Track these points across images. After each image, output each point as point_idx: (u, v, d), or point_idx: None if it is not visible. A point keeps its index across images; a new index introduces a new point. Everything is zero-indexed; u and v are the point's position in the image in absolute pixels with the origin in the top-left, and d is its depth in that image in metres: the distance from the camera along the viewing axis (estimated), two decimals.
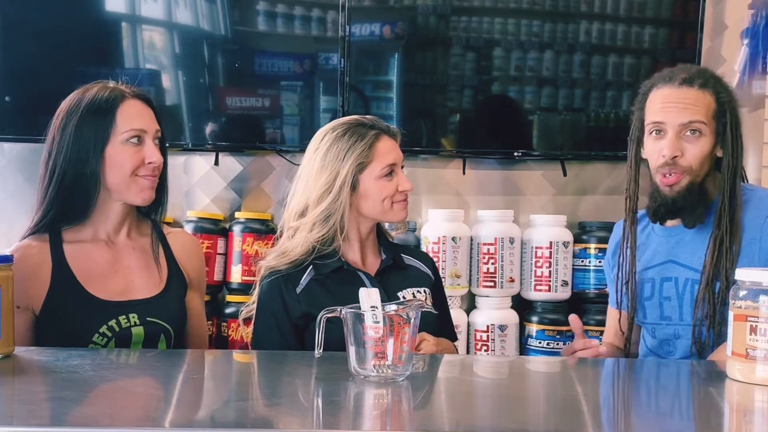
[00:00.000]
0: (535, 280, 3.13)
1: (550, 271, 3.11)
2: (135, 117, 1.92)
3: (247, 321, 2.08)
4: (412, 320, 1.49)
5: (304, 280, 1.98)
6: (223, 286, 3.14)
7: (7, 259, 1.62)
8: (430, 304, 2.00)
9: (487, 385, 1.67)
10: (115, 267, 1.95)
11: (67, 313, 1.87)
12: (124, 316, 1.89)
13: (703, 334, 1.95)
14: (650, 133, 2.00)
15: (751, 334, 1.48)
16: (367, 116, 2.09)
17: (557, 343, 3.08)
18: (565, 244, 3.12)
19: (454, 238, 3.08)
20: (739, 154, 1.99)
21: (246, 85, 3.13)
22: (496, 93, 3.20)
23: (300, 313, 1.95)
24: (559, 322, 3.10)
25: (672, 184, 1.97)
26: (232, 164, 3.20)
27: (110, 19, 3.08)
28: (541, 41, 3.14)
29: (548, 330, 3.10)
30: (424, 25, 3.13)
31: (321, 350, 1.56)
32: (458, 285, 3.10)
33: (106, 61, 3.07)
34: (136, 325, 1.89)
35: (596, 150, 3.22)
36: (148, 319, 1.91)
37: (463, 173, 3.22)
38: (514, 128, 3.24)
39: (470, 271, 3.14)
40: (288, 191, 2.09)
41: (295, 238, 2.01)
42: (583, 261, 3.14)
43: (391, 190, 2.02)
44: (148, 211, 2.04)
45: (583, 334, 2.02)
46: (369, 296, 1.47)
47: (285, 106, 3.13)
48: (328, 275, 1.99)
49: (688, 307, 2.00)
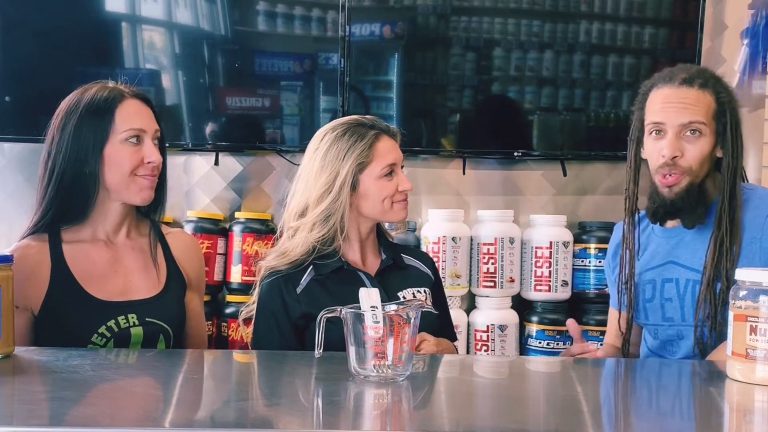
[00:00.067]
0: (535, 280, 3.13)
1: (550, 271, 3.11)
2: (134, 116, 1.92)
3: (246, 321, 2.08)
4: (412, 320, 1.49)
5: (305, 280, 1.98)
6: (223, 286, 3.14)
7: (7, 259, 1.62)
8: (430, 304, 2.00)
9: (487, 385, 1.66)
10: (114, 267, 1.95)
11: (66, 313, 1.86)
12: (123, 317, 1.89)
13: (705, 335, 1.95)
14: (650, 133, 2.00)
15: (751, 334, 1.48)
16: (367, 116, 2.09)
17: (557, 343, 3.08)
18: (565, 244, 3.12)
19: (454, 238, 3.08)
20: (739, 155, 1.98)
21: (246, 85, 3.13)
22: (496, 93, 3.20)
23: (300, 313, 1.95)
24: (559, 322, 3.10)
25: (671, 185, 1.97)
26: (232, 164, 3.20)
27: (110, 19, 3.08)
28: (541, 41, 3.14)
29: (548, 330, 3.10)
30: (424, 25, 3.13)
31: (321, 350, 1.56)
32: (458, 285, 3.09)
33: (106, 61, 3.07)
34: (135, 326, 1.89)
35: (596, 150, 3.22)
36: (147, 319, 1.91)
37: (463, 173, 3.22)
38: (514, 128, 3.24)
39: (470, 271, 3.14)
40: (288, 191, 2.09)
41: (295, 239, 2.01)
42: (583, 261, 3.14)
43: (391, 190, 2.01)
44: (148, 211, 2.03)
45: (581, 338, 2.02)
46: (369, 296, 1.47)
47: (285, 106, 3.13)
48: (329, 275, 1.99)
49: (689, 308, 2.00)
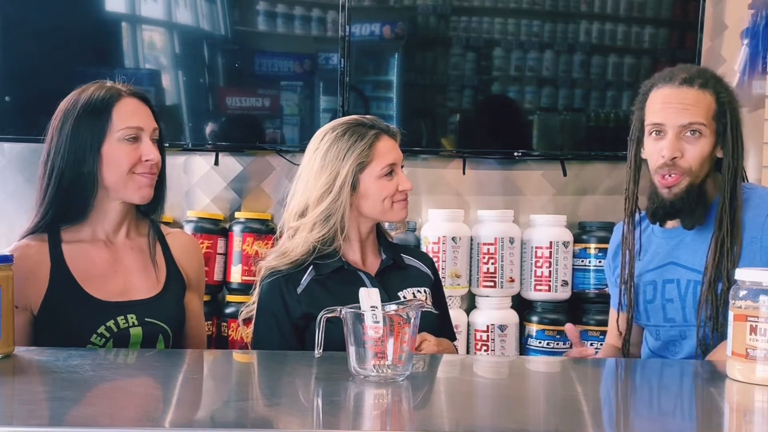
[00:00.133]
0: (535, 280, 3.13)
1: (550, 271, 3.11)
2: (131, 115, 1.92)
3: (246, 321, 2.08)
4: (412, 320, 1.49)
5: (305, 280, 1.98)
6: (223, 286, 3.14)
7: (7, 259, 1.62)
8: (430, 304, 2.00)
9: (487, 385, 1.66)
10: (114, 267, 1.95)
11: (65, 313, 1.86)
12: (123, 317, 1.88)
13: (708, 336, 1.94)
14: (650, 133, 1.99)
15: (751, 334, 1.48)
16: (367, 116, 2.08)
17: (557, 343, 3.08)
18: (565, 244, 3.12)
19: (454, 238, 3.08)
20: (739, 155, 1.97)
21: (246, 85, 3.13)
22: (496, 93, 3.20)
23: (301, 313, 1.95)
24: (559, 322, 3.10)
25: (670, 186, 1.96)
26: (232, 164, 3.20)
27: (110, 19, 3.08)
28: (541, 41, 3.14)
29: (548, 330, 3.10)
30: (424, 25, 3.13)
31: (321, 350, 1.56)
32: (458, 285, 3.09)
33: (106, 61, 3.07)
34: (134, 326, 1.89)
35: (596, 150, 3.22)
36: (146, 319, 1.91)
37: (463, 173, 3.22)
38: (514, 128, 3.24)
39: (470, 271, 3.14)
40: (288, 191, 2.09)
41: (295, 239, 2.01)
42: (583, 261, 3.14)
43: (391, 189, 2.01)
44: (147, 211, 2.03)
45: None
46: (369, 296, 1.47)
47: (285, 106, 3.13)
48: (329, 275, 1.99)
49: (691, 309, 1.99)
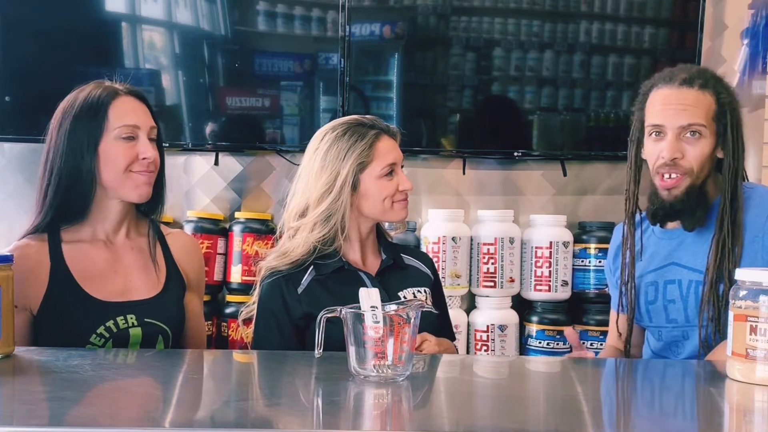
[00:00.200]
0: (535, 280, 3.13)
1: (550, 271, 3.11)
2: (128, 113, 1.92)
3: (246, 322, 2.08)
4: (412, 320, 1.49)
5: (305, 280, 1.98)
6: (223, 286, 3.14)
7: (7, 259, 1.62)
8: (430, 304, 2.00)
9: (487, 385, 1.66)
10: (114, 267, 1.94)
11: (65, 313, 1.86)
12: (122, 317, 1.88)
13: (710, 337, 1.94)
14: (650, 134, 1.99)
15: (751, 334, 1.48)
16: (367, 116, 2.08)
17: (557, 343, 3.08)
18: (565, 244, 3.12)
19: (454, 238, 3.08)
20: (740, 156, 1.97)
21: (246, 85, 3.13)
22: (496, 93, 3.20)
23: (301, 313, 1.95)
24: (559, 322, 3.10)
25: (670, 188, 1.96)
26: (232, 164, 3.20)
27: (110, 19, 3.09)
28: (541, 41, 3.14)
29: (548, 330, 3.10)
30: (424, 25, 3.13)
31: (321, 350, 1.56)
32: (458, 285, 3.09)
33: (106, 61, 3.07)
34: (133, 326, 1.89)
35: (596, 150, 3.23)
36: (146, 320, 1.91)
37: (463, 173, 3.22)
38: (514, 128, 3.24)
39: (470, 271, 3.14)
40: (288, 191, 2.09)
41: (295, 239, 2.01)
42: (583, 261, 3.14)
43: (391, 189, 2.01)
44: (147, 211, 2.03)
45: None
46: (369, 296, 1.47)
47: (285, 106, 3.13)
48: (329, 275, 1.99)
49: (693, 309, 1.99)
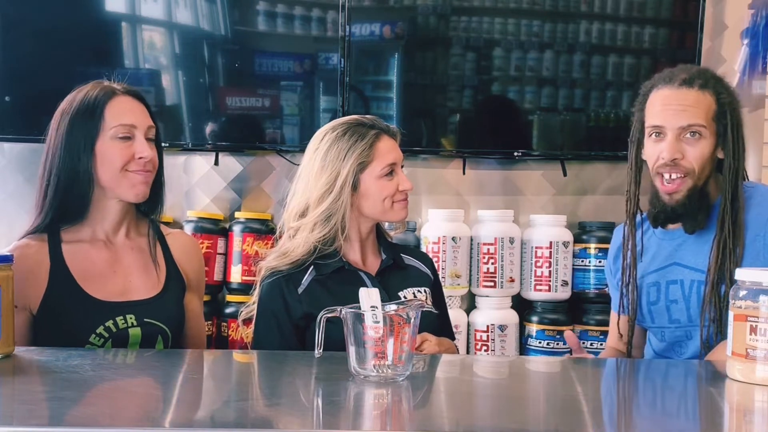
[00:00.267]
0: (535, 280, 3.13)
1: (550, 271, 3.11)
2: (124, 113, 1.92)
3: (246, 322, 2.08)
4: (412, 320, 1.49)
5: (306, 280, 1.98)
6: (223, 286, 3.14)
7: (7, 259, 1.62)
8: (430, 303, 2.00)
9: (487, 385, 1.66)
10: (113, 267, 1.94)
11: (64, 312, 1.86)
12: (122, 317, 1.88)
13: (711, 338, 1.93)
14: (650, 135, 1.99)
15: (751, 334, 1.48)
16: (367, 116, 2.08)
17: (557, 343, 3.08)
18: (565, 244, 3.12)
19: (454, 238, 3.08)
20: (740, 156, 1.96)
21: (246, 85, 3.13)
22: (496, 93, 3.20)
23: (302, 313, 1.95)
24: (559, 322, 3.10)
25: (672, 192, 1.95)
26: (232, 164, 3.20)
27: (110, 19, 3.09)
28: (541, 41, 3.14)
29: (548, 330, 3.10)
30: (424, 25, 3.13)
31: (321, 350, 1.56)
32: (458, 285, 3.09)
33: (106, 61, 3.07)
34: (133, 326, 1.89)
35: (596, 150, 3.23)
36: (145, 320, 1.91)
37: (463, 173, 3.22)
38: (513, 128, 3.24)
39: (470, 271, 3.14)
40: (288, 191, 2.09)
41: (296, 239, 2.01)
42: (583, 261, 3.14)
43: (391, 189, 2.01)
44: (147, 211, 2.03)
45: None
46: (369, 296, 1.47)
47: (285, 106, 3.13)
48: (329, 275, 1.99)
49: (696, 309, 1.98)
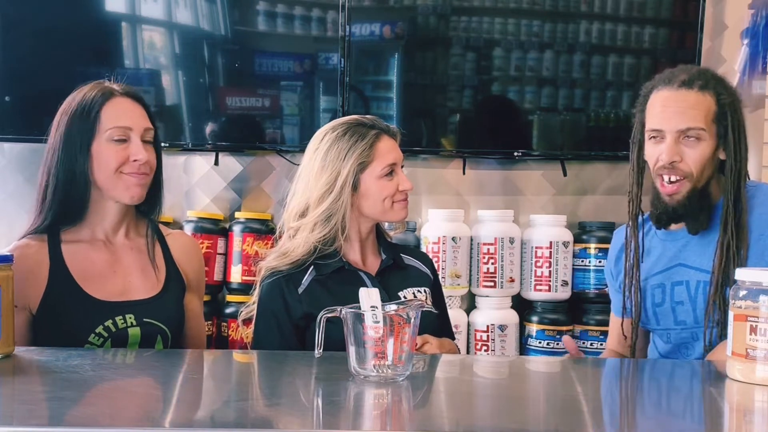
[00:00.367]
0: (535, 280, 3.13)
1: (550, 271, 3.11)
2: (120, 115, 1.91)
3: (246, 322, 2.08)
4: (412, 320, 1.49)
5: (306, 280, 1.98)
6: (223, 286, 3.14)
7: (7, 259, 1.62)
8: (430, 303, 2.00)
9: (487, 385, 1.66)
10: (113, 267, 1.94)
11: (64, 312, 1.86)
12: (121, 317, 1.88)
13: (715, 340, 1.93)
14: (650, 137, 1.98)
15: (751, 334, 1.48)
16: (367, 116, 2.08)
17: (557, 343, 3.08)
18: (565, 244, 3.12)
19: (454, 238, 3.08)
20: (742, 157, 1.95)
21: (246, 85, 3.13)
22: (496, 93, 3.20)
23: (302, 313, 1.95)
24: (559, 322, 3.10)
25: (672, 194, 1.95)
26: (232, 164, 3.20)
27: (110, 19, 3.09)
28: (541, 41, 3.14)
29: (548, 330, 3.10)
30: (424, 25, 3.13)
31: (321, 350, 1.56)
32: (458, 285, 3.09)
33: (106, 61, 3.07)
34: (132, 326, 1.89)
35: (596, 150, 3.23)
36: (145, 320, 1.91)
37: (463, 173, 3.22)
38: (513, 128, 3.24)
39: (470, 271, 3.14)
40: (288, 191, 2.09)
41: (296, 239, 2.01)
42: (583, 261, 3.14)
43: (391, 189, 2.01)
44: (146, 211, 2.03)
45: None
46: (369, 296, 1.47)
47: (285, 106, 3.13)
48: (330, 275, 1.99)
49: (702, 310, 1.97)
